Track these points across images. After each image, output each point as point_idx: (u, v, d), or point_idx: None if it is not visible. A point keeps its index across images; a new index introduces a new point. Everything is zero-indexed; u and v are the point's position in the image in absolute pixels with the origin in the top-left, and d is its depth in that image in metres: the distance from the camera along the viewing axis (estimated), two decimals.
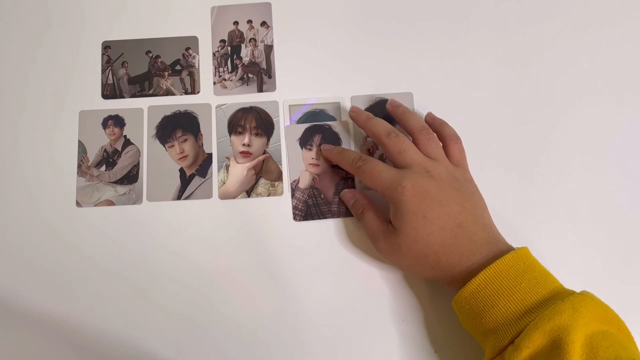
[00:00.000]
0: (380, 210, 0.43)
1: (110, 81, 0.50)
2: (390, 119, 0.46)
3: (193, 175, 0.47)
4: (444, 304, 0.43)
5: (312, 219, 0.46)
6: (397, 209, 0.40)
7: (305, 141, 0.48)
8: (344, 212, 0.46)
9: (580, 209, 0.46)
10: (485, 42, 0.51)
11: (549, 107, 0.49)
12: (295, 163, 0.47)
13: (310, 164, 0.47)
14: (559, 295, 0.35)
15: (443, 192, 0.40)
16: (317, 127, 0.48)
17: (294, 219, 0.46)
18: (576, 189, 0.47)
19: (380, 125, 0.44)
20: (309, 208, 0.46)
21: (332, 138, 0.48)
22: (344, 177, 0.47)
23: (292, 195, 0.47)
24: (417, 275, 0.44)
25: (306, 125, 0.48)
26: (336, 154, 0.46)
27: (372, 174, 0.42)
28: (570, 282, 0.37)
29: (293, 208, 0.46)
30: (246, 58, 0.51)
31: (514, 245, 0.40)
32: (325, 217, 0.46)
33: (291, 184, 0.47)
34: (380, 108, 0.49)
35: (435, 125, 0.45)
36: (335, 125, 0.48)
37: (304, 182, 0.47)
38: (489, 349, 0.36)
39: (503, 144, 0.48)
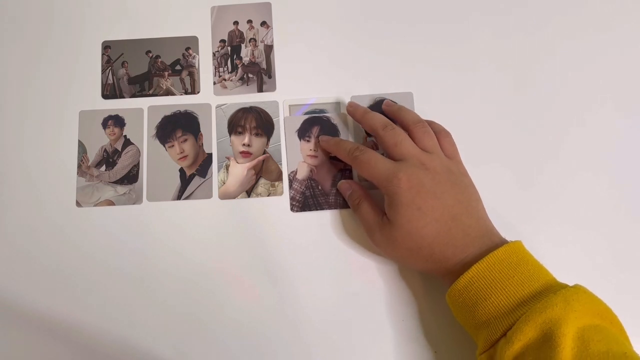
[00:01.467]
0: (376, 202, 0.44)
1: (110, 81, 0.50)
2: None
3: (193, 175, 0.47)
4: (443, 296, 0.43)
5: (309, 209, 0.46)
6: (392, 200, 0.40)
7: (303, 132, 0.48)
8: (341, 203, 0.46)
9: (580, 211, 0.46)
10: (485, 42, 0.51)
11: (549, 107, 0.49)
12: (293, 154, 0.48)
13: (308, 155, 0.48)
14: (552, 289, 0.35)
15: (438, 185, 0.40)
16: (316, 119, 0.49)
17: (291, 209, 0.46)
18: (576, 190, 0.47)
19: (377, 118, 0.44)
20: (306, 199, 0.46)
21: (330, 129, 0.48)
22: (341, 169, 0.47)
23: (290, 186, 0.47)
24: (411, 267, 0.44)
25: (305, 116, 0.49)
26: (333, 144, 0.46)
27: (368, 164, 0.42)
28: (568, 282, 0.37)
29: (290, 199, 0.46)
30: (246, 58, 0.51)
31: (510, 237, 0.40)
32: (322, 209, 0.46)
33: (289, 174, 0.47)
34: (380, 108, 0.49)
35: None
36: (334, 117, 0.49)
37: (302, 173, 0.47)
38: (482, 341, 0.36)
39: (503, 143, 0.48)
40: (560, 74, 0.50)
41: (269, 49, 0.51)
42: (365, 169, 0.42)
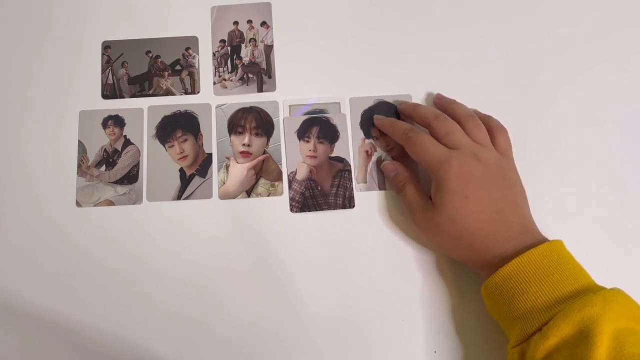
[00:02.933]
0: (420, 185, 0.44)
1: (110, 81, 0.50)
2: (390, 117, 0.48)
3: (193, 175, 0.47)
4: (443, 296, 0.43)
5: (309, 210, 0.46)
6: (440, 186, 0.40)
7: (303, 133, 0.48)
8: (341, 203, 0.46)
9: (583, 205, 0.46)
10: (486, 46, 0.51)
11: (550, 108, 0.49)
12: (292, 155, 0.48)
13: (307, 156, 0.48)
14: (591, 289, 0.36)
15: (488, 178, 0.40)
16: (315, 119, 0.49)
17: (291, 210, 0.46)
18: (576, 185, 0.47)
19: (428, 109, 0.45)
20: (305, 200, 0.46)
21: (330, 130, 0.48)
22: (341, 170, 0.47)
23: (289, 187, 0.47)
24: (447, 253, 0.44)
25: (304, 117, 0.49)
26: (388, 124, 0.47)
27: (421, 146, 0.42)
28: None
29: (290, 199, 0.46)
30: (246, 58, 0.51)
31: None
32: (321, 209, 0.46)
33: (288, 175, 0.47)
34: (380, 109, 0.49)
35: (480, 118, 0.45)
36: (333, 118, 0.49)
37: (301, 174, 0.47)
38: (515, 335, 0.36)
39: None
40: (564, 76, 0.50)
41: (269, 49, 0.51)
42: (418, 150, 0.42)
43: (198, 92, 0.50)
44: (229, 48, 0.51)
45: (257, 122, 0.49)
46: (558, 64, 0.50)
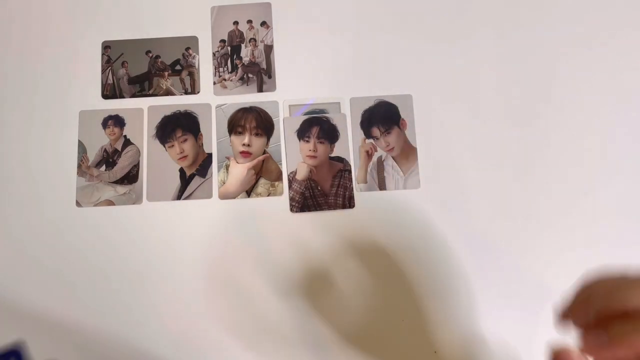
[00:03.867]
0: None
1: (110, 81, 0.50)
2: (390, 117, 0.47)
3: (193, 175, 0.47)
4: (443, 296, 0.43)
5: (309, 210, 0.46)
6: None
7: (303, 133, 0.48)
8: (341, 203, 0.46)
9: (581, 207, 0.46)
10: (485, 44, 0.51)
11: (548, 106, 0.49)
12: (292, 155, 0.48)
13: (307, 156, 0.48)
14: None
15: None
16: (315, 119, 0.49)
17: (291, 210, 0.46)
18: (578, 185, 0.47)
19: None
20: (305, 199, 0.46)
21: (330, 130, 0.48)
22: (341, 170, 0.47)
23: (289, 187, 0.47)
24: None
25: (304, 117, 0.49)
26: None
27: None
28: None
29: (290, 199, 0.46)
30: (246, 58, 0.51)
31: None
32: (321, 209, 0.46)
33: (288, 175, 0.47)
34: (380, 109, 0.49)
35: None
36: (333, 118, 0.49)
37: (301, 174, 0.47)
38: None
39: (503, 142, 0.48)
40: (561, 80, 0.50)
41: (269, 49, 0.51)
42: None
43: (198, 92, 0.50)
44: (229, 48, 0.51)
45: (257, 122, 0.49)
46: (560, 66, 0.50)
